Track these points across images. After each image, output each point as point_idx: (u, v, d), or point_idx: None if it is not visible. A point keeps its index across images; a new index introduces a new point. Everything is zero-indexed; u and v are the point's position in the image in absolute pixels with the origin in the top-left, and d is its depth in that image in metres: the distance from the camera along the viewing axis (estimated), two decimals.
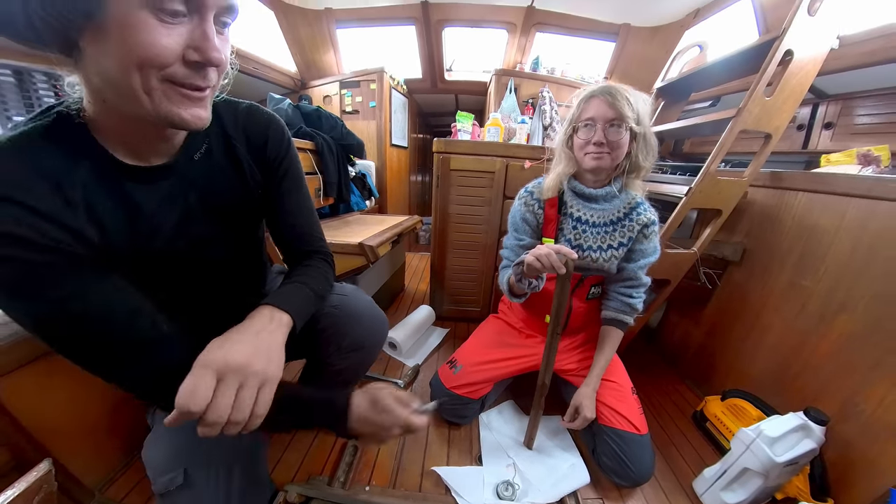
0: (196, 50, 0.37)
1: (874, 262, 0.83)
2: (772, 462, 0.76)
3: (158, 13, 0.34)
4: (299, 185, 0.64)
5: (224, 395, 0.40)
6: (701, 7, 2.03)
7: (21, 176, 0.37)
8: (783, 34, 0.91)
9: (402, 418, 0.52)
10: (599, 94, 0.81)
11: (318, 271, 0.63)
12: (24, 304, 0.38)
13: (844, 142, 1.35)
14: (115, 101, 0.39)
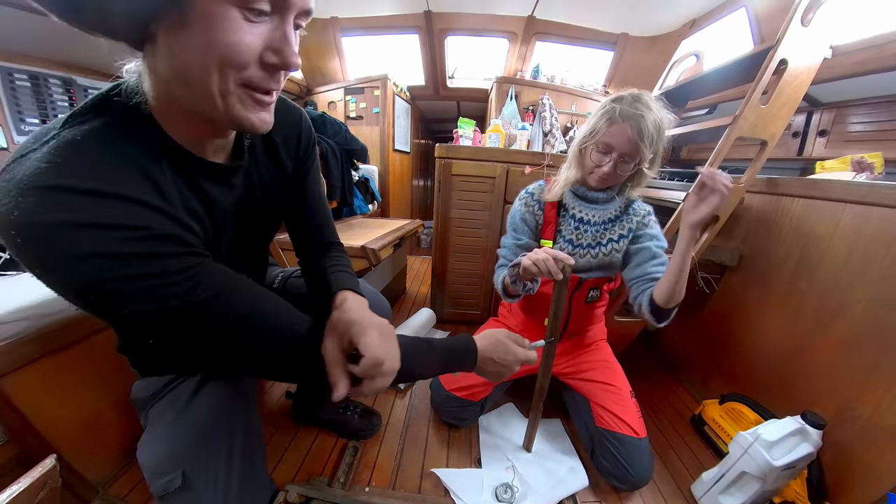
0: (275, 52, 0.36)
1: (870, 267, 0.84)
2: (769, 466, 0.76)
3: (245, 10, 0.32)
4: (319, 177, 0.68)
5: (393, 347, 0.48)
6: (697, 17, 2.07)
7: (119, 173, 0.35)
8: (778, 44, 0.93)
9: (520, 355, 0.63)
10: (628, 122, 0.77)
11: (349, 264, 0.67)
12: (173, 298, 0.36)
13: (838, 149, 1.37)
14: (184, 98, 0.37)
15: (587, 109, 2.55)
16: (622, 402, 0.93)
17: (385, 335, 0.48)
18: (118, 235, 0.32)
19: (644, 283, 0.87)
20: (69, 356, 0.76)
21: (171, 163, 0.41)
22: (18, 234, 0.30)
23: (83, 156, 0.33)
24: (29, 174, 0.30)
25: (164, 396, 0.60)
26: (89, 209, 0.31)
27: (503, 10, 2.38)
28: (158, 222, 0.36)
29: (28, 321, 0.69)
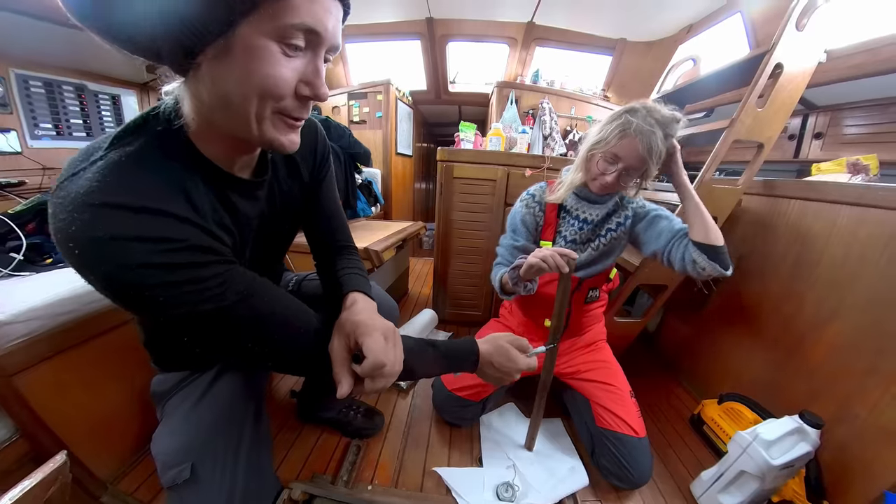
0: (308, 85, 0.39)
1: (866, 268, 0.85)
2: (768, 465, 0.77)
3: (283, 45, 0.36)
4: (334, 184, 0.71)
5: (396, 350, 0.50)
6: (694, 23, 2.10)
7: (160, 190, 0.39)
8: (773, 48, 0.94)
9: (521, 363, 0.65)
10: (639, 137, 0.77)
11: (363, 266, 0.71)
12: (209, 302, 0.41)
13: (834, 151, 1.38)
14: (222, 121, 0.40)
15: (586, 113, 2.58)
16: (622, 402, 0.94)
17: (389, 338, 0.50)
18: (160, 247, 0.36)
19: (678, 240, 0.85)
20: (79, 355, 0.78)
21: (204, 179, 0.45)
22: (76, 246, 0.34)
23: (128, 175, 0.37)
24: (83, 192, 0.34)
25: (181, 390, 0.63)
26: (135, 224, 0.35)
27: (503, 17, 2.42)
28: (194, 234, 0.40)
29: (40, 321, 0.71)
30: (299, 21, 0.35)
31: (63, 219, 0.34)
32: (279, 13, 0.34)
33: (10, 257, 0.82)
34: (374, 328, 0.49)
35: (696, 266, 0.81)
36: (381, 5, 2.34)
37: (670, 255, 0.87)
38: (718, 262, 0.79)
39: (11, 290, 0.73)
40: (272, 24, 0.34)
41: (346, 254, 0.71)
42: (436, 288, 1.77)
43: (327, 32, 0.38)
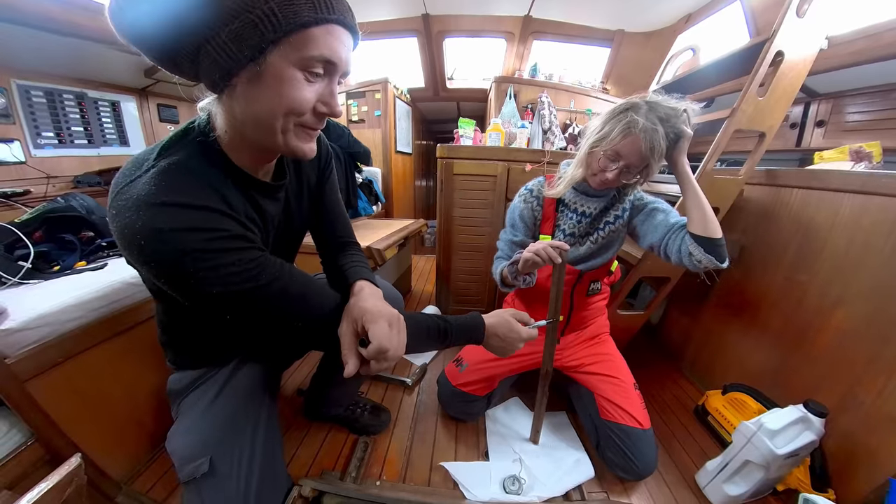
0: (325, 104, 0.47)
1: (869, 256, 0.84)
2: (773, 454, 0.78)
3: (306, 73, 0.43)
4: (336, 184, 0.75)
5: (399, 335, 0.54)
6: (693, 12, 2.07)
7: (204, 191, 0.47)
8: (773, 36, 0.93)
9: (523, 333, 0.71)
10: (642, 136, 0.75)
11: (366, 261, 0.75)
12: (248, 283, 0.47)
13: (836, 139, 1.37)
14: (252, 133, 0.47)
15: (586, 106, 2.56)
16: (626, 394, 0.94)
17: (394, 325, 0.54)
18: (208, 236, 0.44)
19: (675, 232, 0.85)
20: (89, 359, 0.80)
21: (235, 183, 0.52)
22: (142, 238, 0.41)
23: (178, 180, 0.45)
24: (144, 194, 0.42)
25: (197, 388, 0.65)
26: (189, 218, 0.43)
27: (500, 11, 2.40)
28: (233, 226, 0.47)
29: (49, 327, 0.73)
30: (318, 53, 0.42)
31: (129, 216, 0.41)
32: (302, 45, 0.41)
33: (18, 266, 0.83)
34: (380, 315, 0.53)
35: (693, 258, 0.80)
36: (376, 3, 2.33)
37: (667, 248, 0.86)
38: (715, 254, 0.78)
39: (21, 298, 0.74)
40: (297, 55, 0.41)
41: (349, 249, 0.76)
42: (439, 284, 1.78)
43: (342, 62, 0.45)
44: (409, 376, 1.35)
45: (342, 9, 0.44)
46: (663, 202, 0.94)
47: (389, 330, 0.52)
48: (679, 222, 0.86)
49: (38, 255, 0.88)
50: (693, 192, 0.82)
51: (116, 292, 0.85)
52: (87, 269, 0.92)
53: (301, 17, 0.39)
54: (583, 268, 0.98)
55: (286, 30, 0.39)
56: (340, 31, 0.44)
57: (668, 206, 0.93)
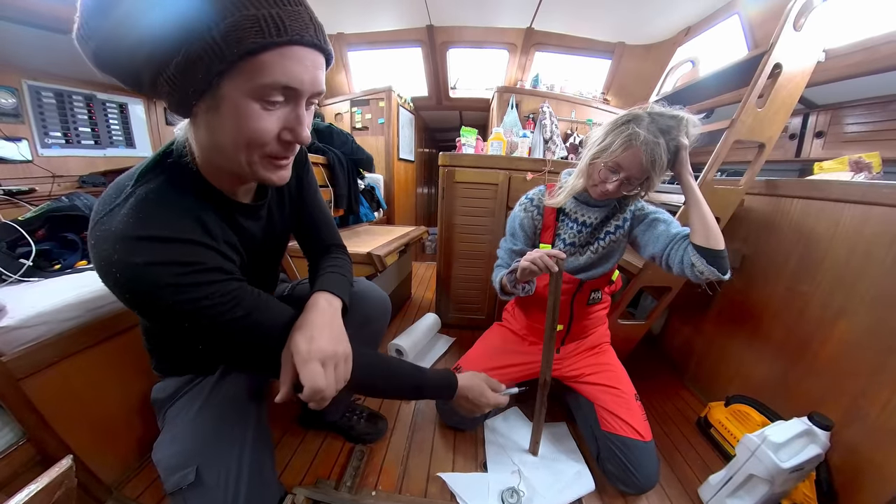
0: (290, 131, 0.44)
1: (871, 266, 0.84)
2: (777, 468, 0.76)
3: (262, 102, 0.40)
4: (316, 186, 0.75)
5: (331, 374, 0.52)
6: (692, 25, 2.11)
7: (181, 222, 0.46)
8: (771, 48, 0.95)
9: (492, 400, 0.77)
10: (644, 148, 0.75)
11: (344, 262, 0.75)
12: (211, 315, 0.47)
13: (836, 149, 1.38)
14: (219, 162, 0.47)
15: (587, 116, 2.59)
16: (627, 406, 0.93)
17: (328, 363, 0.52)
18: (184, 269, 0.44)
19: (677, 243, 0.84)
20: (85, 359, 0.79)
21: (215, 207, 0.51)
22: (118, 271, 0.42)
23: (155, 211, 0.44)
24: (121, 227, 0.42)
25: (182, 397, 0.64)
26: (163, 252, 0.43)
27: (503, 23, 2.45)
28: (209, 257, 0.47)
29: (47, 325, 0.72)
30: (273, 80, 0.39)
31: (106, 249, 0.42)
32: (254, 73, 0.38)
33: (19, 263, 0.83)
34: (310, 357, 0.51)
35: (695, 269, 0.79)
36: (382, 14, 2.38)
37: (669, 259, 0.85)
38: (717, 266, 0.78)
39: (21, 296, 0.74)
40: (249, 85, 0.38)
41: (331, 252, 0.76)
42: (439, 292, 1.77)
43: (304, 86, 0.42)
44: None
45: (298, 27, 0.39)
46: (664, 212, 0.94)
47: (323, 369, 0.51)
48: (681, 233, 0.85)
49: (40, 254, 0.89)
50: (696, 203, 0.81)
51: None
52: (88, 269, 0.92)
53: (246, 44, 0.36)
54: (583, 277, 0.97)
55: (231, 59, 0.36)
56: (300, 51, 0.40)
57: (670, 216, 0.93)
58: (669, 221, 0.91)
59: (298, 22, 0.39)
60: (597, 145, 0.83)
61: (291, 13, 0.39)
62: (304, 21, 0.40)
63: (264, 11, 0.37)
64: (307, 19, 0.41)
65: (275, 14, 0.37)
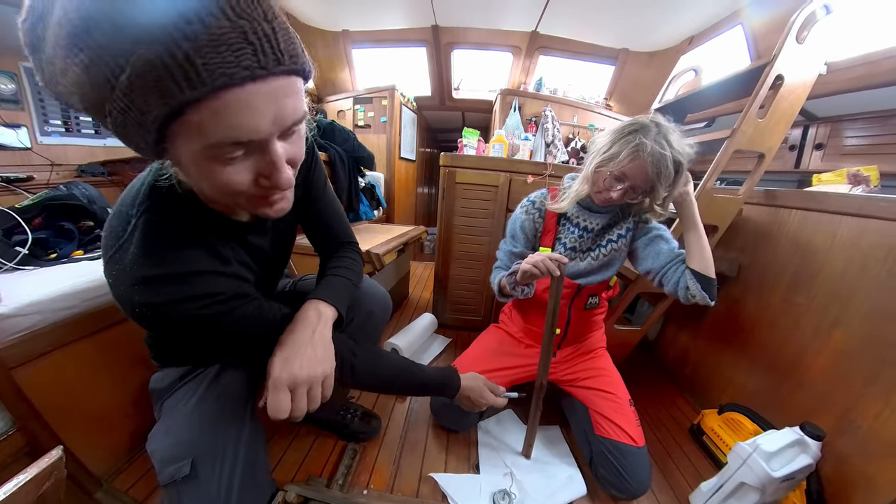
0: (266, 178, 0.38)
1: (867, 279, 0.84)
2: (768, 477, 0.76)
3: (221, 160, 0.34)
4: (327, 186, 0.74)
5: (299, 401, 0.52)
6: (696, 34, 2.12)
7: (193, 252, 0.46)
8: (774, 60, 0.95)
9: (490, 400, 0.82)
10: (649, 158, 0.75)
11: (352, 262, 0.75)
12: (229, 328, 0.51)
13: (834, 162, 1.39)
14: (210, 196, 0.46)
15: (589, 121, 2.60)
16: (621, 411, 0.93)
17: (299, 387, 0.52)
18: (205, 302, 0.46)
19: (675, 264, 0.88)
20: (78, 350, 0.79)
21: (223, 232, 0.51)
22: (141, 310, 0.43)
23: (163, 245, 0.44)
24: (136, 267, 0.42)
25: (181, 388, 0.64)
26: (182, 289, 0.44)
27: (508, 26, 2.45)
28: (227, 285, 0.49)
29: (41, 315, 0.72)
30: (216, 140, 0.32)
31: (126, 290, 0.43)
32: (192, 136, 0.31)
33: (15, 251, 0.82)
34: (279, 384, 0.51)
35: (688, 292, 0.85)
36: (387, 13, 2.38)
37: (664, 277, 0.90)
38: (709, 293, 0.84)
39: (15, 284, 0.74)
40: (195, 146, 0.32)
41: (342, 251, 0.76)
42: (436, 292, 1.77)
43: (262, 133, 0.33)
44: None
45: (225, 61, 0.28)
46: (666, 229, 0.95)
47: (293, 394, 0.52)
48: (681, 255, 0.89)
49: (36, 242, 0.88)
50: (698, 233, 0.86)
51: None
52: (84, 259, 0.92)
53: (154, 107, 0.28)
54: (582, 282, 0.97)
55: (149, 126, 0.29)
56: (240, 94, 0.30)
57: (670, 234, 0.94)
58: (670, 240, 0.93)
59: (225, 53, 0.28)
60: (602, 154, 0.82)
61: (211, 42, 0.27)
62: (236, 46, 0.28)
63: (166, 51, 0.26)
64: (241, 41, 0.28)
65: (181, 54, 0.26)
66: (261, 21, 0.30)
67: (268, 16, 0.31)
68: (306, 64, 0.36)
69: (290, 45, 0.33)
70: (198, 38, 0.27)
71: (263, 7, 0.30)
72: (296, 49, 0.34)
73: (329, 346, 0.57)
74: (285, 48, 0.32)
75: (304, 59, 0.35)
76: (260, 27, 0.30)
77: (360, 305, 0.82)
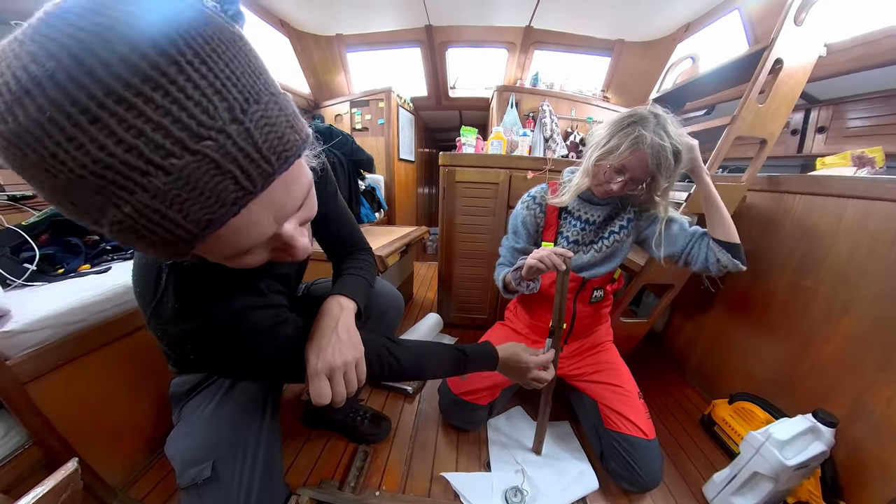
0: (284, 252, 0.37)
1: (875, 262, 0.83)
2: (782, 465, 0.76)
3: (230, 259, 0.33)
4: (334, 193, 0.74)
5: (339, 385, 0.54)
6: (691, 21, 2.10)
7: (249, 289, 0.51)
8: (772, 44, 0.94)
9: (532, 362, 0.77)
10: (649, 150, 0.75)
11: (367, 264, 0.76)
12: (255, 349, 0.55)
13: (838, 145, 1.37)
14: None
15: (587, 114, 2.58)
16: (631, 404, 0.93)
17: (336, 375, 0.54)
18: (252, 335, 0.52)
19: (696, 241, 0.89)
20: (89, 362, 0.80)
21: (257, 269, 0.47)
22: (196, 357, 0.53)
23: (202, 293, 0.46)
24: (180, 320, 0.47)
25: (200, 392, 0.65)
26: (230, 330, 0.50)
27: (501, 22, 2.44)
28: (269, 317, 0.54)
29: (52, 329, 0.73)
30: (223, 256, 0.32)
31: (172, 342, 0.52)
32: (204, 253, 0.31)
33: (23, 268, 0.84)
34: (317, 372, 0.53)
35: (720, 264, 0.85)
36: (380, 15, 2.38)
37: (690, 256, 0.89)
38: (739, 259, 0.84)
39: (25, 300, 0.75)
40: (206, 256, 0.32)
41: (354, 255, 0.77)
42: (440, 292, 1.77)
43: (267, 236, 0.32)
44: (410, 384, 1.33)
45: (220, 197, 0.25)
46: (674, 211, 0.94)
47: (331, 381, 0.54)
48: (697, 231, 0.89)
49: (43, 258, 0.89)
50: (715, 201, 0.86)
51: (119, 296, 0.85)
52: (91, 273, 0.93)
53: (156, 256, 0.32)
54: (586, 275, 0.97)
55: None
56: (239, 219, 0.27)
57: (679, 214, 0.94)
58: (682, 221, 0.92)
59: (197, 199, 0.24)
60: (601, 147, 0.82)
61: (178, 188, 0.23)
62: (210, 184, 0.24)
63: (139, 214, 0.23)
64: (213, 174, 0.24)
65: (150, 210, 0.23)
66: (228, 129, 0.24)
67: (236, 116, 0.24)
68: (298, 140, 0.30)
69: (276, 141, 0.27)
70: (159, 190, 0.23)
71: (230, 103, 0.24)
72: (284, 139, 0.28)
73: (355, 333, 0.59)
74: (271, 148, 0.27)
75: (297, 138, 0.29)
76: (230, 142, 0.24)
77: (374, 305, 0.84)
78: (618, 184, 0.82)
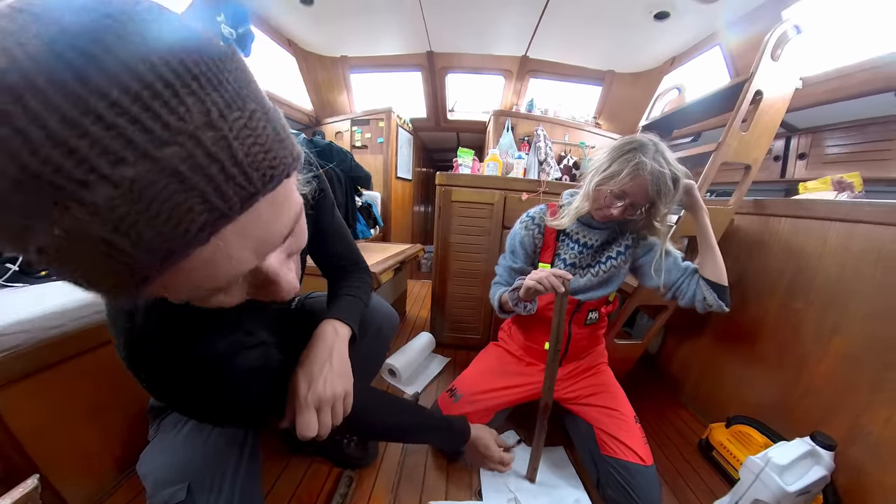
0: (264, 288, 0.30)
1: (861, 282, 0.85)
2: (783, 492, 0.73)
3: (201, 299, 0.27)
4: (331, 209, 0.73)
5: (325, 418, 0.52)
6: (677, 55, 2.25)
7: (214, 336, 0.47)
8: (752, 77, 1.00)
9: (496, 458, 0.83)
10: (649, 177, 0.76)
11: (363, 283, 0.75)
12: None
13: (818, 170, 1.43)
14: None
15: (580, 139, 2.68)
16: (627, 428, 0.90)
17: (324, 407, 0.52)
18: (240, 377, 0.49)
19: (688, 277, 0.92)
20: (60, 373, 0.75)
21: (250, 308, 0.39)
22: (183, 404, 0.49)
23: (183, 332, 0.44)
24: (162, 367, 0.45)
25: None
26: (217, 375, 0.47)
27: (499, 51, 2.58)
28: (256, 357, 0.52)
29: (27, 333, 0.69)
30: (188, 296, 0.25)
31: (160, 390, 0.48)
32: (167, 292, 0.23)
33: (5, 268, 0.81)
34: (307, 404, 0.51)
35: (705, 302, 0.88)
36: (385, 39, 2.50)
37: (679, 290, 0.93)
38: (724, 300, 0.88)
39: (2, 302, 0.72)
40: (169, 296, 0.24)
41: (349, 272, 0.75)
42: (434, 311, 1.75)
43: (244, 272, 0.25)
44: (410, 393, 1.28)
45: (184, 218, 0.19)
46: (670, 244, 0.95)
47: (319, 413, 0.52)
48: (689, 267, 0.93)
49: None
50: (712, 245, 0.89)
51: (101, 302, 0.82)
52: None
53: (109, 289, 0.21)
54: (582, 298, 0.97)
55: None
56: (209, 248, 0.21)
57: (674, 249, 0.96)
58: (676, 255, 0.95)
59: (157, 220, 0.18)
60: (602, 172, 0.83)
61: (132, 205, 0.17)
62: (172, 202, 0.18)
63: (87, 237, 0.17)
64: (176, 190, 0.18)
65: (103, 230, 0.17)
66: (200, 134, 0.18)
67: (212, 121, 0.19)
68: (288, 157, 0.24)
69: (261, 155, 0.22)
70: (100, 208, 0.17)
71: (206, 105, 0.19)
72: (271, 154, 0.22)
73: (347, 363, 0.57)
74: (254, 162, 0.21)
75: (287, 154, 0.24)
76: (201, 150, 0.19)
77: (370, 322, 0.81)
78: (618, 209, 0.83)
